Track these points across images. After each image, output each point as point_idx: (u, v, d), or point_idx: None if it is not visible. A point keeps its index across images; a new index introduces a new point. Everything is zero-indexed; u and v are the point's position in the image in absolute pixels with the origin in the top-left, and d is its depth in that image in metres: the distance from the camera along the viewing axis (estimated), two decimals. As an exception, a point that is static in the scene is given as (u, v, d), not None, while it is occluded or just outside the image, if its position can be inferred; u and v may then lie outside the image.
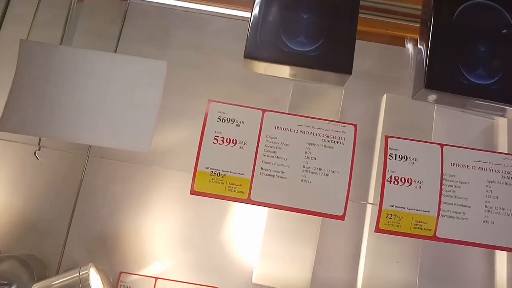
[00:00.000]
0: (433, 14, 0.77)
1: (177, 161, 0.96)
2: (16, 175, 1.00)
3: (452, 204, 0.69)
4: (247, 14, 0.79)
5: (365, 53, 1.07)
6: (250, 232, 0.98)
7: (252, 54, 0.75)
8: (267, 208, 0.95)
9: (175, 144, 1.01)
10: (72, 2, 0.98)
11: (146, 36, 1.10)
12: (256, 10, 0.76)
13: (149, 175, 1.00)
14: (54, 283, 0.82)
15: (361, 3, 0.80)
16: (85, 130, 0.75)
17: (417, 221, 0.69)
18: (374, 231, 0.69)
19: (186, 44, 1.09)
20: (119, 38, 1.09)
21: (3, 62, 0.97)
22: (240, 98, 0.77)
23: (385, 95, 1.03)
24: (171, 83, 0.81)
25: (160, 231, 0.99)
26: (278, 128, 0.73)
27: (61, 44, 0.92)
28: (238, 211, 1.00)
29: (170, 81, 0.80)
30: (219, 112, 0.74)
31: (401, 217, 0.69)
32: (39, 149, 0.80)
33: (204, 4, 1.14)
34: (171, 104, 1.00)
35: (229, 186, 0.71)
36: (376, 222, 0.69)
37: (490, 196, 0.70)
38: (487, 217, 0.69)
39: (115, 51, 1.08)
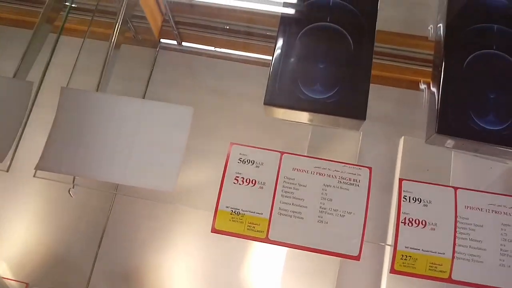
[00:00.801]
0: (444, 62, 0.81)
1: (200, 200, 1.00)
2: (48, 212, 1.06)
3: (467, 247, 0.70)
4: (268, 58, 0.85)
5: (383, 97, 1.11)
6: (269, 271, 0.99)
7: (271, 101, 0.80)
8: (286, 248, 0.97)
9: (198, 183, 1.05)
10: (110, 50, 1.06)
11: (173, 81, 1.17)
12: (275, 60, 0.82)
13: (173, 213, 1.04)
14: (79, 316, 0.85)
15: (380, 49, 0.85)
16: (116, 170, 0.80)
17: (432, 263, 0.69)
18: (389, 272, 0.70)
19: (210, 89, 1.15)
20: (148, 82, 1.17)
21: (45, 105, 1.06)
22: (260, 141, 0.80)
23: (402, 137, 1.06)
24: (194, 126, 0.86)
25: (182, 269, 1.01)
26: (296, 170, 0.77)
27: (97, 88, 1.00)
28: (257, 250, 1.01)
29: (195, 124, 0.85)
30: (240, 154, 0.79)
31: (416, 259, 0.70)
32: (73, 187, 0.86)
33: (227, 48, 1.21)
34: (195, 145, 1.05)
35: (248, 225, 0.74)
36: (391, 263, 0.70)
37: (506, 240, 0.71)
38: (503, 261, 0.69)
39: (145, 94, 1.15)
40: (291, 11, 0.87)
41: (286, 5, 0.87)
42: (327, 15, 0.85)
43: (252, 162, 0.78)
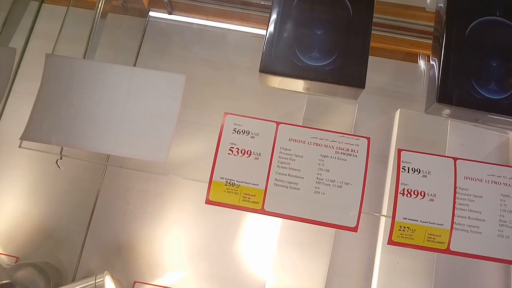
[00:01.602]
0: (445, 30, 0.78)
1: (193, 171, 0.98)
2: (37, 184, 1.03)
3: (466, 218, 0.69)
4: (262, 32, 0.82)
5: (379, 69, 1.08)
6: (263, 243, 0.99)
7: (267, 68, 0.77)
8: (280, 220, 0.96)
9: (192, 155, 1.03)
10: (96, 18, 1.01)
11: (164, 52, 1.13)
12: (271, 26, 0.79)
13: (166, 185, 1.02)
14: (70, 289, 0.84)
15: (376, 20, 0.82)
16: (106, 140, 0.77)
17: (430, 234, 0.69)
18: (387, 243, 0.69)
19: (203, 60, 1.12)
20: (138, 53, 1.13)
21: (29, 75, 1.01)
22: (255, 113, 0.78)
23: (398, 110, 1.04)
24: (188, 98, 0.83)
25: (175, 241, 1.00)
26: (292, 140, 0.75)
27: (84, 58, 0.95)
28: (252, 222, 1.00)
29: (187, 95, 0.82)
30: (235, 124, 0.76)
31: (414, 230, 0.69)
32: (61, 158, 0.83)
33: (220, 22, 1.17)
34: (188, 117, 1.03)
35: (243, 196, 0.72)
36: (389, 234, 0.69)
37: (505, 210, 0.70)
38: (502, 231, 0.69)
39: (134, 65, 1.11)
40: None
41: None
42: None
43: (247, 132, 0.76)
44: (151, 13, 1.19)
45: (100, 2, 1.02)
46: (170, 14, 1.20)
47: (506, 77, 0.74)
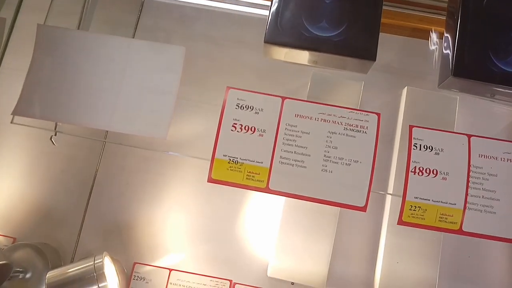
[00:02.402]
0: (461, 0, 0.74)
1: (195, 148, 0.95)
2: (32, 162, 1.00)
3: (480, 197, 0.67)
4: (265, 12, 0.77)
5: (385, 46, 1.03)
6: (266, 225, 0.97)
7: (272, 39, 0.72)
8: (283, 201, 0.94)
9: (193, 132, 1.00)
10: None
11: (162, 27, 1.09)
12: (277, -5, 0.74)
13: (166, 164, 0.99)
14: (68, 271, 0.81)
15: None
16: (102, 116, 0.74)
17: (443, 214, 0.66)
18: (397, 223, 0.66)
19: (203, 36, 1.08)
20: (135, 29, 1.08)
21: (20, 49, 0.97)
22: (257, 90, 0.75)
23: (405, 88, 1.00)
24: (189, 74, 0.80)
25: (176, 222, 0.98)
26: (298, 116, 0.71)
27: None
28: (254, 203, 0.98)
29: (188, 72, 0.79)
30: (238, 99, 0.73)
31: (426, 209, 0.66)
32: (55, 134, 0.80)
33: (221, 2, 1.12)
34: (189, 94, 0.99)
35: (247, 175, 0.69)
36: (399, 214, 0.66)
37: (520, 190, 0.67)
38: (517, 212, 0.66)
39: (132, 41, 1.07)
40: None
41: None
42: None
43: (251, 107, 0.72)
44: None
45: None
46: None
47: (525, 50, 0.71)
